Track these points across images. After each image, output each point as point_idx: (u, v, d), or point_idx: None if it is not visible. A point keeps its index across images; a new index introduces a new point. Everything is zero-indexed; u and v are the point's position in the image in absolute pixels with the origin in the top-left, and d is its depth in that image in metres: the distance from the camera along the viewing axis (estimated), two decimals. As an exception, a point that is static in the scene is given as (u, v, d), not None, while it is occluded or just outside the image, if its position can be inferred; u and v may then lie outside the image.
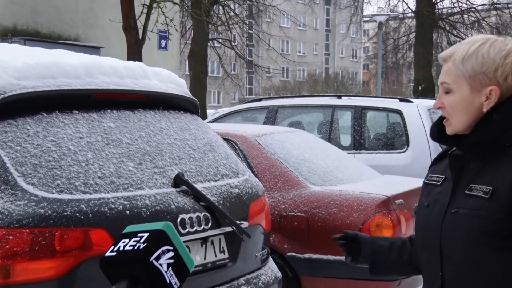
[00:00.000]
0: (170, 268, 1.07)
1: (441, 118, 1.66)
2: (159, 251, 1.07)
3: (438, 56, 1.65)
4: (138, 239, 1.08)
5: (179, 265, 1.09)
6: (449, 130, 1.62)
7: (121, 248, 1.08)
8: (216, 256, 2.78)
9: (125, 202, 2.40)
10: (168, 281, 1.07)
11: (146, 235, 1.08)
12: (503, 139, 1.54)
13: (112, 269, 1.07)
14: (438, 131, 1.67)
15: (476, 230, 1.51)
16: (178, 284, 1.08)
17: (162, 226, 1.10)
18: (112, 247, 1.09)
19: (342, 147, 6.37)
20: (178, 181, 2.65)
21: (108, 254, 1.08)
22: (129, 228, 1.12)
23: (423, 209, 1.68)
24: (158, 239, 1.08)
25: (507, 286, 1.52)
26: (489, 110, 1.56)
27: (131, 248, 1.07)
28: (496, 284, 1.52)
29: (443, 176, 1.66)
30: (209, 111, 17.87)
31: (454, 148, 1.69)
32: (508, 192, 1.48)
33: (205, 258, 2.71)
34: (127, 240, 1.09)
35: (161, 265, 1.06)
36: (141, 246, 1.06)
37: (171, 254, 1.08)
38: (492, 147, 1.56)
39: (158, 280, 1.06)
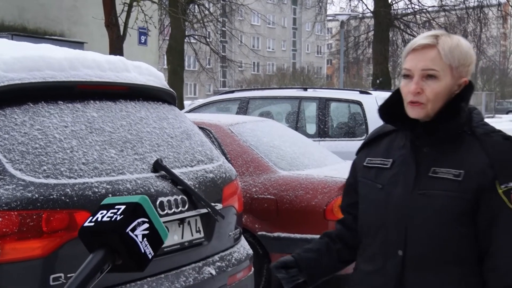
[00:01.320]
0: (145, 239, 1.05)
1: (390, 101, 1.63)
2: (135, 222, 1.05)
3: (417, 42, 1.56)
4: (115, 211, 1.06)
5: (153, 236, 1.07)
6: (421, 114, 1.55)
7: (99, 219, 1.05)
8: (192, 235, 2.77)
9: (108, 186, 2.37)
10: (143, 251, 1.05)
11: (123, 207, 1.06)
12: (462, 127, 1.56)
13: (90, 239, 1.05)
14: (388, 113, 1.64)
15: (447, 209, 1.52)
16: (152, 254, 1.07)
17: (138, 199, 1.08)
18: (91, 217, 1.07)
19: (308, 135, 6.40)
20: (157, 166, 2.63)
21: (86, 224, 1.06)
22: (107, 200, 1.10)
23: (376, 191, 1.63)
24: (134, 211, 1.06)
25: (462, 256, 1.54)
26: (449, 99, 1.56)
27: (108, 219, 1.05)
28: (455, 255, 1.54)
29: (390, 160, 1.63)
30: (186, 102, 17.74)
31: (390, 132, 1.67)
32: (478, 176, 1.50)
33: (182, 238, 2.70)
34: (105, 212, 1.07)
35: (136, 235, 1.04)
36: (118, 218, 1.04)
37: (146, 225, 1.06)
38: (448, 134, 1.56)
39: (134, 249, 1.04)
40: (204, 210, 2.78)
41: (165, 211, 2.56)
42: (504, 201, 1.49)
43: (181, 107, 14.15)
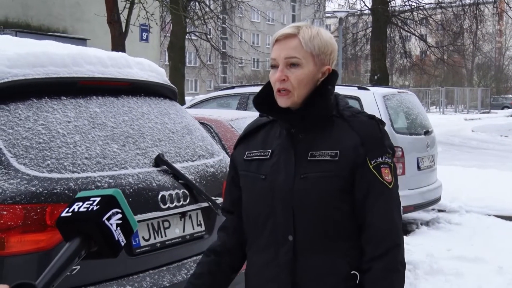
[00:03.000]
0: (118, 228, 1.12)
1: (264, 91, 1.65)
2: (110, 212, 1.11)
3: (280, 33, 1.62)
4: (91, 202, 1.12)
5: (125, 226, 1.13)
6: (288, 102, 1.59)
7: (75, 210, 1.11)
8: (193, 229, 2.77)
9: (110, 181, 2.37)
10: (117, 238, 1.11)
11: (98, 199, 1.12)
12: (329, 110, 1.62)
13: (67, 228, 1.11)
14: (264, 104, 1.66)
15: (328, 188, 1.57)
16: (125, 241, 1.13)
17: (112, 192, 1.14)
18: (67, 208, 1.12)
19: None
20: (159, 161, 2.63)
21: (64, 214, 1.11)
22: (82, 194, 1.16)
23: (258, 182, 1.65)
24: (109, 202, 1.12)
25: (347, 232, 1.59)
26: (317, 86, 1.61)
27: (85, 209, 1.11)
28: (340, 232, 1.59)
29: (269, 150, 1.67)
30: (187, 98, 17.74)
31: (264, 124, 1.71)
32: (351, 154, 1.57)
33: (183, 231, 2.71)
34: (80, 203, 1.12)
35: (111, 224, 1.11)
36: (94, 208, 1.10)
37: (119, 216, 1.13)
38: (319, 119, 1.62)
39: (108, 237, 1.11)
40: (205, 204, 2.79)
41: (167, 205, 2.56)
42: (375, 175, 1.56)
43: (182, 102, 14.13)
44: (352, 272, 1.57)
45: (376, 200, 1.56)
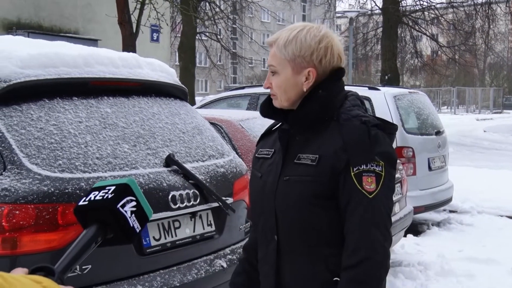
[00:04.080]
0: (133, 215, 1.15)
1: (270, 97, 1.69)
2: (124, 200, 1.15)
3: (266, 41, 1.66)
4: (106, 191, 1.16)
5: (140, 213, 1.17)
6: (276, 104, 1.65)
7: (92, 198, 1.15)
8: (204, 229, 2.78)
9: (121, 180, 2.38)
10: (131, 225, 1.15)
11: (113, 187, 1.16)
12: (323, 114, 1.60)
13: (84, 216, 1.15)
14: (267, 108, 1.70)
15: (306, 193, 1.56)
16: (140, 228, 1.16)
17: (126, 180, 1.18)
18: (84, 197, 1.16)
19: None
20: (169, 161, 2.64)
21: (81, 203, 1.15)
22: (98, 184, 1.20)
23: (257, 180, 1.70)
24: (123, 190, 1.16)
25: (328, 238, 1.57)
26: (313, 88, 1.60)
27: (101, 198, 1.14)
28: (320, 238, 1.57)
29: (272, 150, 1.70)
30: (197, 98, 17.77)
31: (280, 124, 1.74)
32: (331, 159, 1.54)
33: (194, 231, 2.71)
34: (97, 192, 1.16)
35: (125, 211, 1.14)
36: (109, 196, 1.14)
37: (134, 203, 1.16)
38: (314, 121, 1.61)
39: (123, 224, 1.14)
40: (215, 204, 2.79)
41: (177, 205, 2.57)
42: (354, 183, 1.52)
43: (193, 103, 14.17)
44: (335, 279, 1.56)
45: (354, 209, 1.52)
